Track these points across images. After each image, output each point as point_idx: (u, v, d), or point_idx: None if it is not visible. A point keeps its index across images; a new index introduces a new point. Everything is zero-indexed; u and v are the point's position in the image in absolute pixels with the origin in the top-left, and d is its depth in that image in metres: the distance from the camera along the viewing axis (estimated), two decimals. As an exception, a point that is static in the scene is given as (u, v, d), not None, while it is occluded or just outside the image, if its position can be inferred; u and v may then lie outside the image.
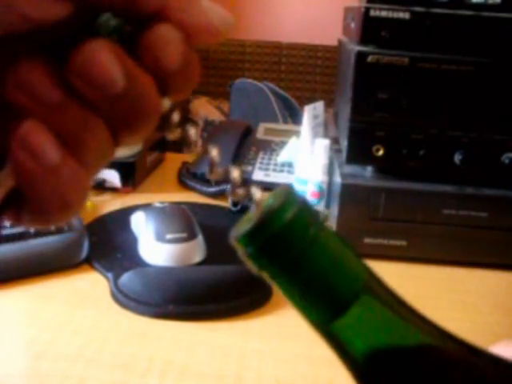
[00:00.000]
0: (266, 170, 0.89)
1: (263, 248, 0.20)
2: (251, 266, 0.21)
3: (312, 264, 0.20)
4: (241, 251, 0.21)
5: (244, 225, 0.20)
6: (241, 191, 0.22)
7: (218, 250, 0.65)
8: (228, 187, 0.22)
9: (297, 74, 1.37)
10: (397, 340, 0.20)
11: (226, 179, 0.22)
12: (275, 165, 0.90)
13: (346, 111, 0.67)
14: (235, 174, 0.22)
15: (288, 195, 0.20)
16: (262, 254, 0.20)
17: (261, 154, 0.93)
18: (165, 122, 0.21)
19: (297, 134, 0.88)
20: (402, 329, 0.21)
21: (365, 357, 0.20)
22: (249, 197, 0.22)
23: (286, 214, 0.19)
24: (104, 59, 0.18)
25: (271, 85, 1.18)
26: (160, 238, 0.61)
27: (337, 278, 0.20)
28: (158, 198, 0.74)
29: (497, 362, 0.22)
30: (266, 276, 0.21)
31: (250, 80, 1.19)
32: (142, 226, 0.65)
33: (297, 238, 0.20)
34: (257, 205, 0.21)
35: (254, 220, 0.20)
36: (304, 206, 0.20)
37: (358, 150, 0.66)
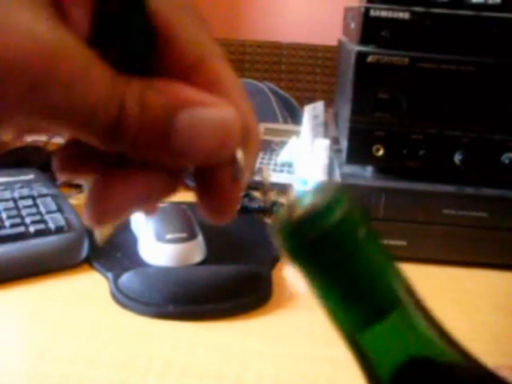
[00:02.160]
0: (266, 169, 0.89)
1: (306, 245, 0.18)
2: (288, 260, 0.19)
3: (355, 267, 0.19)
4: (280, 243, 0.19)
5: (287, 215, 0.19)
6: (272, 194, 0.21)
7: (217, 250, 0.65)
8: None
9: (297, 73, 1.37)
10: (426, 355, 0.20)
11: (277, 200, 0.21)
12: (275, 165, 0.90)
13: (346, 111, 0.67)
14: (265, 175, 0.21)
15: (337, 192, 0.19)
16: (303, 251, 0.19)
17: (261, 154, 0.93)
18: None
19: (297, 133, 0.88)
20: (433, 345, 0.20)
21: (390, 370, 0.20)
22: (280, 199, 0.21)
23: (336, 211, 0.18)
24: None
25: (271, 85, 1.18)
26: (160, 238, 0.61)
27: (378, 284, 0.19)
28: (158, 198, 0.74)
29: None
30: (301, 272, 0.19)
31: (250, 80, 1.19)
32: (142, 225, 0.65)
33: (345, 239, 0.18)
34: (300, 199, 0.19)
35: (300, 214, 0.18)
36: (354, 205, 0.19)
37: (358, 149, 0.66)
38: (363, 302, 0.19)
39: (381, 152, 0.65)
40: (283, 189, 0.86)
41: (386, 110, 0.64)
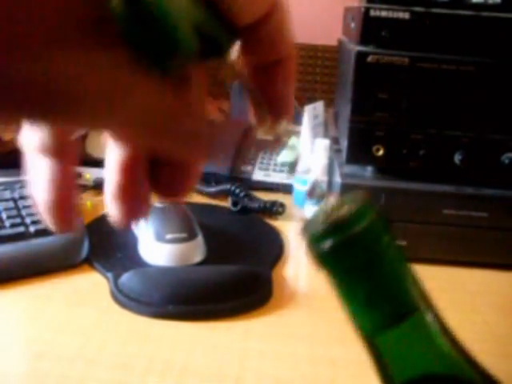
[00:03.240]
0: (266, 170, 0.89)
1: (335, 249, 0.20)
2: (315, 262, 0.21)
3: (378, 272, 0.20)
4: (309, 247, 0.21)
5: (316, 221, 0.20)
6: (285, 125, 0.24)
7: (218, 249, 0.65)
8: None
9: (297, 73, 1.37)
10: (438, 367, 0.21)
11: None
12: (275, 165, 0.90)
13: (346, 111, 0.67)
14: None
15: (364, 201, 0.20)
16: (332, 254, 0.20)
17: (261, 154, 0.93)
18: None
19: (297, 134, 0.88)
20: (446, 354, 0.21)
21: (403, 373, 0.21)
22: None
23: (365, 219, 0.20)
24: None
25: (271, 85, 1.17)
26: (160, 238, 0.61)
27: (398, 289, 0.21)
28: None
29: None
30: (327, 275, 0.21)
31: (250, 80, 1.18)
32: (142, 225, 0.65)
33: (371, 244, 0.20)
34: (330, 205, 0.21)
35: (331, 220, 0.20)
36: (380, 214, 0.21)
37: (358, 150, 0.66)
38: (384, 305, 0.21)
39: (381, 152, 0.65)
40: (283, 189, 0.86)
41: (386, 110, 0.64)
